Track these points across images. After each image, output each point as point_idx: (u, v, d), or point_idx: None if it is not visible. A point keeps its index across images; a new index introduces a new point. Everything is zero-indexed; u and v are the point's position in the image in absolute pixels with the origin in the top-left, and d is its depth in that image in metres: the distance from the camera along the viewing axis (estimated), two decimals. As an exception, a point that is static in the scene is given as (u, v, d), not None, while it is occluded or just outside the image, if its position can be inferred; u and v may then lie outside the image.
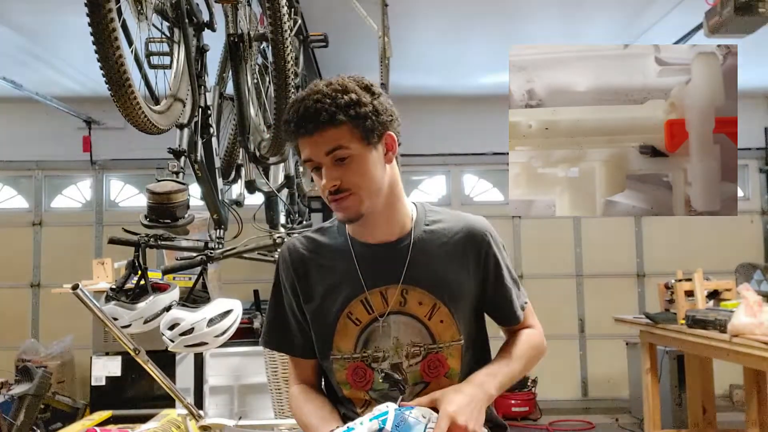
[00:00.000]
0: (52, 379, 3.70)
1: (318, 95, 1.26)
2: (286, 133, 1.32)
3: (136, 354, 1.77)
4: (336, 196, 1.28)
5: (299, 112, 1.26)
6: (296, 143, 1.32)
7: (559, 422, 5.12)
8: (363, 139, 1.27)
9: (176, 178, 1.85)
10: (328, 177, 1.27)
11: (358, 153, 1.28)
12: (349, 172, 1.28)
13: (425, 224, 1.40)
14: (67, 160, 5.95)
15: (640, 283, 6.02)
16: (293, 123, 1.28)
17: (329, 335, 1.38)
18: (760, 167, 6.12)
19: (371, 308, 1.36)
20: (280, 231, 2.86)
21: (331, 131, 1.25)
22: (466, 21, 4.26)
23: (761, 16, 3.03)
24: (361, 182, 1.29)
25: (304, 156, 1.30)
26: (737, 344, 2.86)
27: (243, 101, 2.28)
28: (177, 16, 1.81)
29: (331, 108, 1.24)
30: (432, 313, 1.36)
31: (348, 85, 1.28)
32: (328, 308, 1.38)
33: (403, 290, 1.35)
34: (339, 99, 1.26)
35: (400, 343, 1.36)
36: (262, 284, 4.56)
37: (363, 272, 1.36)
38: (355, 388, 1.39)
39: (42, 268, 5.88)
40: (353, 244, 1.39)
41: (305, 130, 1.26)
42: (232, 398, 3.20)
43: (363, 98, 1.27)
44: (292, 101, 1.31)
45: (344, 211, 1.30)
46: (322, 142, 1.26)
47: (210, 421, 1.99)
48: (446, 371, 1.38)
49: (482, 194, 6.26)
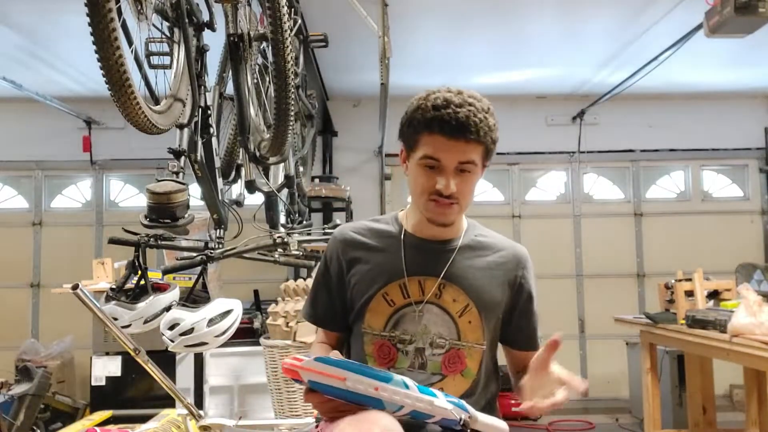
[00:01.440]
0: (52, 379, 3.71)
1: (471, 107, 1.32)
2: (422, 121, 1.34)
3: (136, 354, 1.77)
4: (445, 200, 1.37)
5: (450, 114, 1.31)
6: (423, 133, 1.35)
7: (559, 422, 5.12)
8: (484, 160, 1.39)
9: (176, 178, 1.85)
10: (450, 182, 1.35)
11: (477, 171, 1.39)
12: (464, 184, 1.37)
13: (474, 235, 1.51)
14: (67, 160, 5.94)
15: (640, 283, 6.02)
16: (438, 121, 1.32)
17: (363, 309, 1.46)
18: (760, 167, 6.12)
19: (407, 293, 1.43)
20: (280, 231, 2.86)
21: (473, 145, 1.34)
22: (466, 21, 4.26)
23: (761, 16, 3.03)
24: (468, 196, 1.40)
25: (433, 154, 1.34)
26: (737, 344, 2.86)
27: (243, 101, 2.28)
28: (177, 16, 1.81)
29: (483, 126, 1.33)
30: (464, 311, 1.43)
31: (490, 106, 1.37)
32: (368, 284, 1.45)
33: (441, 284, 1.43)
34: (489, 120, 1.35)
35: (427, 330, 1.43)
36: (262, 284, 4.59)
37: (407, 260, 1.45)
38: (379, 362, 1.45)
39: (42, 268, 5.87)
40: (405, 234, 1.48)
41: (450, 133, 1.32)
42: (232, 398, 3.20)
43: (497, 124, 1.38)
44: (438, 98, 1.34)
45: (445, 215, 1.40)
46: (461, 151, 1.34)
47: (210, 421, 2.00)
48: (463, 369, 1.44)
49: (482, 194, 6.26)
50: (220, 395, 3.20)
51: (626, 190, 6.20)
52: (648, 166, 6.18)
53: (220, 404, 3.18)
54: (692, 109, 6.03)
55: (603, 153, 6.06)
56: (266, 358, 2.80)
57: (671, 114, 6.03)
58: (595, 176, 6.22)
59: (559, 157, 6.08)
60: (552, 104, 6.04)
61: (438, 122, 1.32)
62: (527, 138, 5.99)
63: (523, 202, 6.16)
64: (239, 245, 2.23)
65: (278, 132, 2.29)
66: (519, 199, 6.14)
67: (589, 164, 6.08)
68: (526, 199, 6.20)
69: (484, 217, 5.90)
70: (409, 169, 1.43)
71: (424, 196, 1.39)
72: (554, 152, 6.07)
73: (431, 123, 1.33)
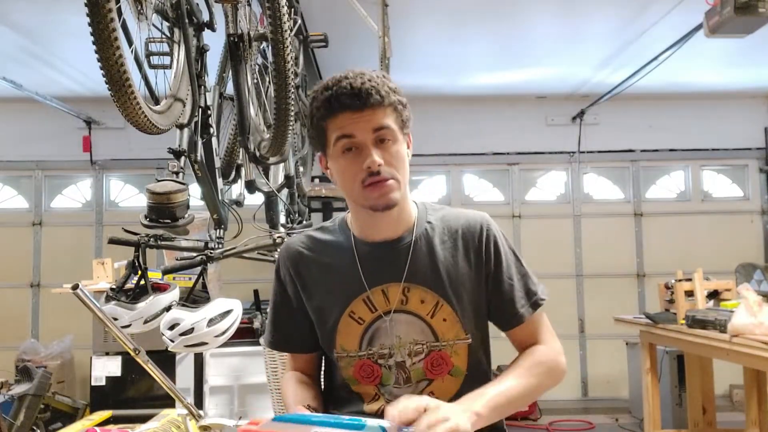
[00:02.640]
0: (52, 379, 3.70)
1: (364, 77, 1.25)
2: (321, 107, 1.26)
3: (136, 354, 1.77)
4: (377, 177, 1.25)
5: (344, 88, 1.23)
6: (328, 120, 1.27)
7: (559, 422, 5.12)
8: (401, 127, 1.29)
9: (176, 178, 1.85)
10: (373, 156, 1.24)
11: (398, 138, 1.29)
12: (389, 156, 1.26)
13: (426, 221, 1.38)
14: (67, 160, 5.95)
15: (640, 283, 6.03)
16: (336, 98, 1.23)
17: (332, 334, 1.36)
18: (760, 167, 6.13)
19: (374, 307, 1.34)
20: (280, 231, 2.86)
21: (380, 111, 1.25)
22: (467, 21, 4.26)
23: (761, 16, 3.03)
24: (400, 168, 1.28)
25: (344, 131, 1.25)
26: (737, 344, 2.86)
27: (243, 101, 2.28)
28: (177, 16, 1.80)
29: (382, 89, 1.25)
30: (435, 311, 1.34)
31: (386, 75, 1.30)
32: (330, 307, 1.36)
33: (405, 288, 1.34)
34: (388, 83, 1.27)
35: (402, 341, 1.35)
36: (262, 284, 4.57)
37: (364, 271, 1.34)
38: (364, 383, 1.37)
39: (42, 268, 5.88)
40: (356, 242, 1.37)
41: (352, 105, 1.23)
42: (232, 398, 3.20)
43: (399, 88, 1.30)
44: (329, 80, 1.27)
45: (385, 195, 1.26)
46: (370, 119, 1.24)
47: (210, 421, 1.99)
48: (450, 369, 1.36)
49: (482, 194, 6.27)
50: (220, 395, 3.20)
51: (626, 190, 6.20)
52: (648, 166, 6.18)
53: (220, 404, 3.18)
54: (692, 109, 6.03)
55: (603, 153, 6.06)
56: (266, 358, 2.80)
57: (671, 114, 6.03)
58: (595, 176, 6.23)
59: (559, 157, 6.09)
60: (552, 104, 6.04)
61: (336, 98, 1.23)
62: (527, 138, 6.00)
63: (523, 202, 6.16)
64: (239, 245, 2.23)
65: (278, 132, 2.29)
66: (519, 199, 6.14)
67: (589, 164, 6.09)
68: (526, 199, 6.20)
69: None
70: (332, 169, 1.32)
71: (356, 184, 1.26)
72: (554, 152, 6.08)
73: (330, 103, 1.24)
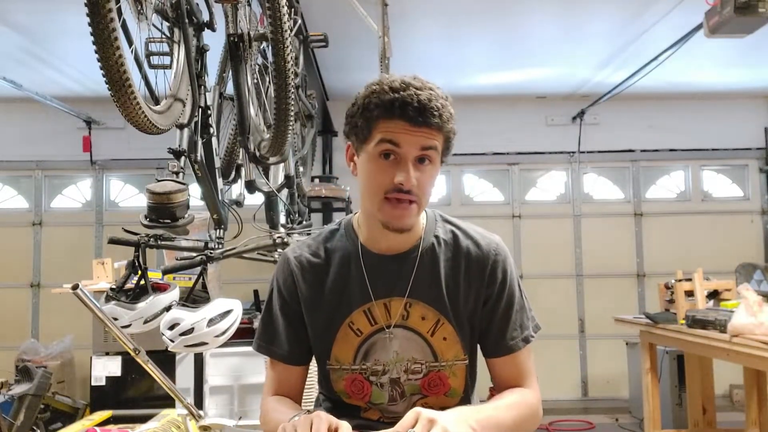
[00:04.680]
0: (52, 379, 3.70)
1: (432, 93, 1.19)
2: (380, 106, 1.19)
3: (136, 354, 1.77)
4: (403, 195, 1.20)
5: (410, 97, 1.17)
6: (381, 120, 1.20)
7: (559, 422, 5.12)
8: (443, 154, 1.25)
9: (176, 178, 1.85)
10: (410, 174, 1.19)
11: (437, 164, 1.25)
12: (424, 178, 1.22)
13: (434, 235, 1.34)
14: (67, 160, 5.95)
15: (640, 283, 6.02)
16: (400, 104, 1.17)
17: (328, 344, 1.33)
18: (760, 167, 6.13)
19: (374, 320, 1.31)
20: (280, 231, 2.86)
21: (435, 132, 1.20)
22: (466, 21, 4.26)
23: (761, 16, 3.03)
24: (427, 192, 1.24)
25: (393, 138, 1.19)
26: (737, 344, 2.86)
27: (243, 101, 2.28)
28: (177, 16, 1.80)
29: (445, 112, 1.20)
30: (435, 329, 1.30)
31: (449, 97, 1.24)
32: (331, 316, 1.32)
33: (407, 303, 1.30)
34: (450, 108, 1.22)
35: (400, 357, 1.31)
36: (262, 284, 4.55)
37: (371, 282, 1.30)
38: (354, 399, 1.35)
39: (42, 268, 5.88)
40: (363, 251, 1.32)
41: (412, 116, 1.17)
42: (232, 398, 3.20)
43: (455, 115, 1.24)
44: (395, 81, 1.20)
45: (402, 218, 1.23)
46: (423, 136, 1.19)
47: (210, 421, 1.99)
48: (447, 390, 1.34)
49: (482, 194, 6.27)
50: (220, 395, 3.20)
51: (626, 190, 6.20)
52: (648, 166, 6.18)
53: (220, 404, 3.18)
54: (692, 109, 6.03)
55: (603, 153, 6.06)
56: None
57: (671, 114, 6.03)
58: (595, 176, 6.23)
59: (559, 157, 6.09)
60: (552, 104, 6.04)
61: (399, 104, 1.16)
62: (527, 138, 6.00)
63: (523, 202, 6.16)
64: (239, 245, 2.23)
65: (278, 132, 2.29)
66: (519, 199, 6.14)
67: (589, 164, 6.09)
68: (526, 199, 6.20)
69: (484, 217, 5.98)
70: (360, 166, 1.25)
71: (379, 194, 1.21)
72: (554, 152, 6.08)
73: (390, 106, 1.17)
